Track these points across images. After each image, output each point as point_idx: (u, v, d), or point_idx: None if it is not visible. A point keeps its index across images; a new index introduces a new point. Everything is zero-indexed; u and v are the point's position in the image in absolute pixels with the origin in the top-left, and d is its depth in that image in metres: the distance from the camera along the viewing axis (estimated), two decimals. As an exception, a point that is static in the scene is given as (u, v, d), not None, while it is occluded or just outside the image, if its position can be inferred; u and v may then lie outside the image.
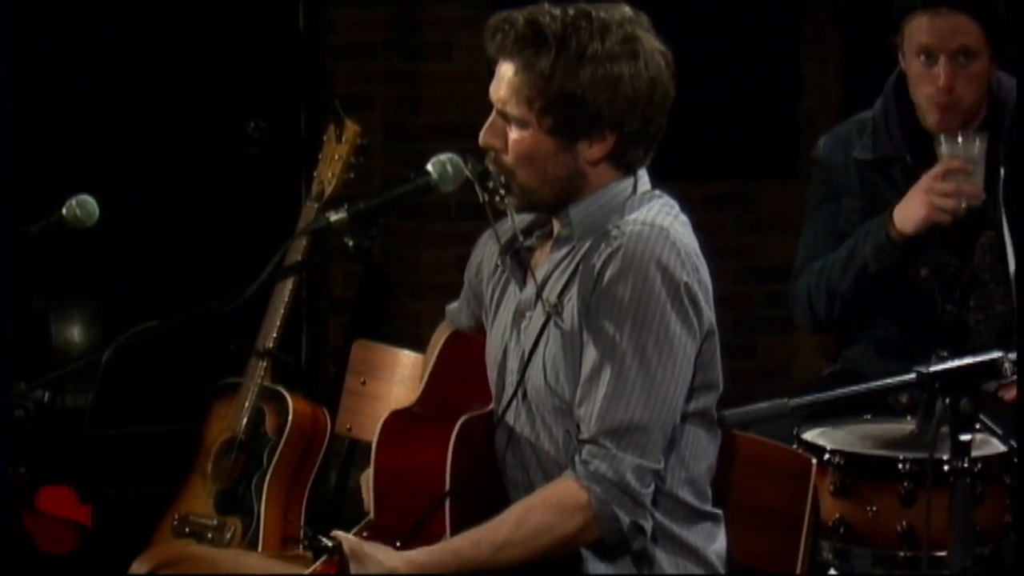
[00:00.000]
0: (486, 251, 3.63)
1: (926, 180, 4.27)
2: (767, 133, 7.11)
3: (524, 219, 3.49)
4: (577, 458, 3.31)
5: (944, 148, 4.26)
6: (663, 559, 3.39)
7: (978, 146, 4.24)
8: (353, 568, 3.28)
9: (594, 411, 3.30)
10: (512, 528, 3.30)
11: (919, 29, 4.34)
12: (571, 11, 3.34)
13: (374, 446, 3.47)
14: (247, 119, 6.66)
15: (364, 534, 3.40)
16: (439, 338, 3.65)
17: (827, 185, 4.58)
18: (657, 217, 3.37)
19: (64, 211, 4.01)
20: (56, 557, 3.88)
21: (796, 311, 4.66)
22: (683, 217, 3.43)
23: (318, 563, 3.32)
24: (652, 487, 3.32)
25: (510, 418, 3.45)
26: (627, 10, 3.38)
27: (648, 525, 3.33)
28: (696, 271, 3.36)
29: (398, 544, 3.33)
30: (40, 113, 6.48)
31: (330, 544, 3.30)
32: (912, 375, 3.35)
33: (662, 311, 3.30)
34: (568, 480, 3.31)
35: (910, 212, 4.30)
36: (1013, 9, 4.39)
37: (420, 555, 3.30)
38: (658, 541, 3.38)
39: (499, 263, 3.57)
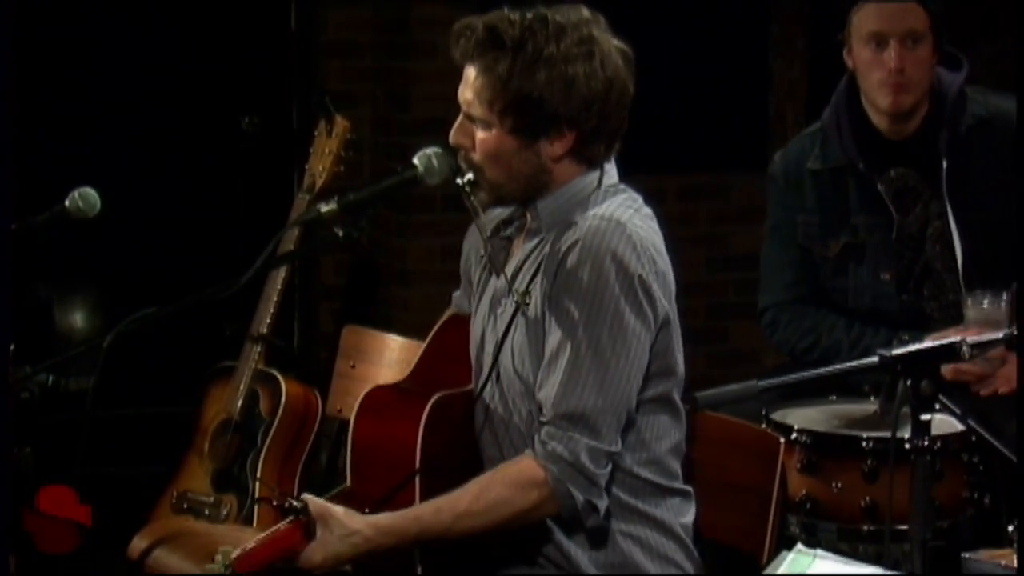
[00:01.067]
0: (472, 242, 3.65)
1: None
2: (737, 128, 7.11)
3: (503, 212, 3.50)
4: (537, 438, 3.33)
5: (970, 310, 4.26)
6: (627, 534, 3.40)
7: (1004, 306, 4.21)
8: (319, 529, 3.29)
9: (552, 395, 3.31)
10: (472, 499, 3.31)
11: (868, 17, 4.35)
12: (529, 16, 3.35)
13: (352, 418, 3.48)
14: (242, 115, 6.67)
15: (336, 500, 3.39)
16: (441, 322, 3.67)
17: (783, 204, 4.57)
18: (616, 211, 3.38)
19: (67, 203, 4.02)
20: (56, 557, 3.87)
21: (773, 343, 4.66)
22: (646, 211, 3.44)
23: (284, 522, 3.32)
24: (607, 468, 3.33)
25: (486, 399, 3.48)
26: (585, 12, 3.39)
27: (602, 504, 3.34)
28: (652, 263, 3.36)
29: (366, 510, 3.33)
30: (46, 109, 6.47)
31: (297, 505, 3.31)
32: (875, 358, 3.36)
33: (616, 302, 3.31)
34: (527, 458, 3.33)
35: None
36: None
37: (383, 519, 3.31)
38: (622, 517, 3.39)
39: (483, 252, 3.57)
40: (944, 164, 4.38)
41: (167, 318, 3.42)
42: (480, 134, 3.38)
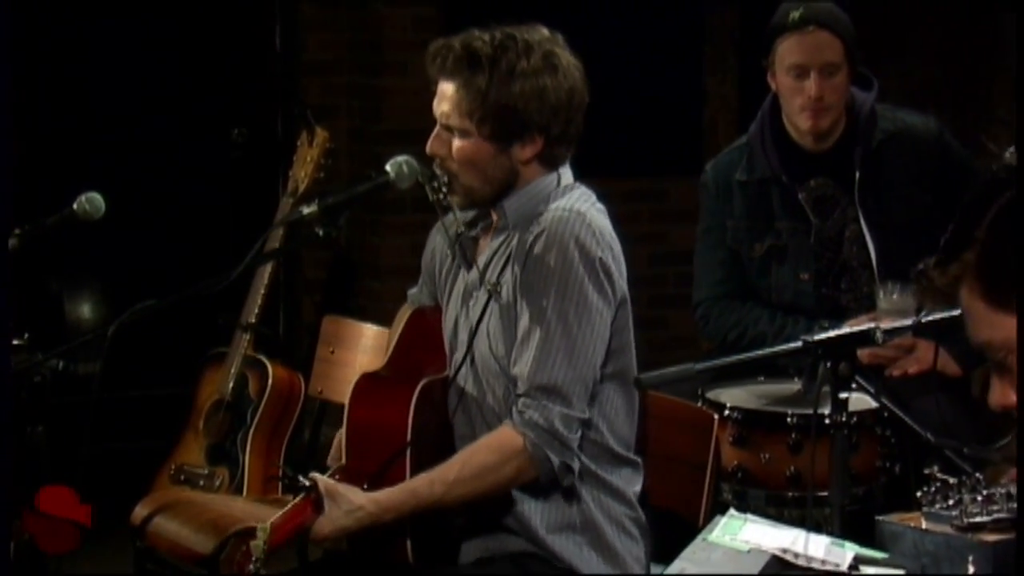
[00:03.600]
0: (436, 242, 3.64)
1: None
2: (675, 138, 7.13)
3: (467, 214, 3.50)
4: (514, 409, 3.32)
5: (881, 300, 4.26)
6: (588, 497, 3.40)
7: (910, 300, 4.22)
8: (326, 505, 3.29)
9: (526, 369, 3.31)
10: (460, 469, 3.31)
11: (791, 49, 4.34)
12: (498, 35, 3.36)
13: (347, 403, 3.47)
14: (232, 127, 6.64)
15: (336, 476, 3.39)
16: (403, 315, 3.65)
17: (713, 210, 4.57)
18: (576, 204, 3.39)
19: (75, 206, 4.01)
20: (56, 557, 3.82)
21: (705, 335, 4.67)
22: (599, 205, 3.45)
23: (297, 499, 3.32)
24: (579, 433, 3.33)
25: (460, 381, 3.46)
26: (545, 31, 3.40)
27: (576, 465, 3.34)
28: (610, 248, 3.38)
29: (365, 486, 3.33)
30: (59, 121, 6.47)
31: (307, 484, 3.31)
32: (799, 343, 3.37)
33: (580, 283, 3.31)
34: (506, 428, 3.32)
35: None
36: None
37: (383, 495, 3.30)
38: (585, 481, 3.39)
39: (448, 252, 3.57)
40: (857, 175, 4.40)
41: (165, 309, 3.40)
42: (457, 142, 3.37)
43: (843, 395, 3.33)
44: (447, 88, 3.37)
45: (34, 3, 6.46)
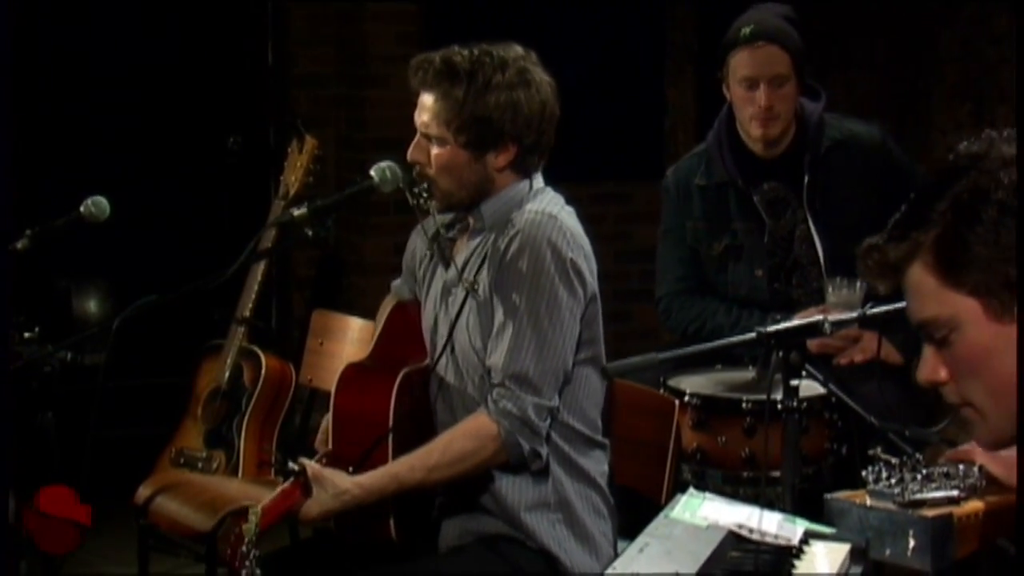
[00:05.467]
0: (416, 243, 3.64)
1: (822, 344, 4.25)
2: (638, 145, 7.14)
3: (445, 217, 3.50)
4: (489, 398, 3.31)
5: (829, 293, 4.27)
6: (562, 478, 3.40)
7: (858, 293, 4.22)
8: (314, 488, 3.28)
9: (500, 360, 3.30)
10: (440, 454, 3.30)
11: (742, 63, 4.35)
12: (476, 51, 3.36)
13: (333, 391, 3.46)
14: (227, 135, 6.64)
15: (323, 461, 3.38)
16: (386, 307, 3.64)
17: (674, 212, 4.57)
18: (548, 207, 3.38)
19: (82, 209, 4.01)
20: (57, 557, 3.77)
21: (667, 327, 4.67)
22: (569, 208, 3.45)
23: (286, 483, 3.31)
24: (548, 421, 3.33)
25: (440, 371, 3.46)
26: (519, 49, 3.40)
27: (544, 451, 3.33)
28: (581, 248, 3.37)
29: (350, 469, 3.32)
30: (69, 129, 6.46)
31: (296, 468, 3.30)
32: (753, 334, 3.37)
33: (552, 282, 3.30)
34: (482, 415, 3.31)
35: None
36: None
37: (367, 478, 3.29)
38: (559, 463, 3.39)
39: (427, 252, 3.57)
40: (806, 179, 4.40)
41: (166, 304, 3.39)
42: (436, 150, 3.37)
43: (794, 382, 3.34)
44: (427, 99, 3.37)
45: (46, 22, 6.44)
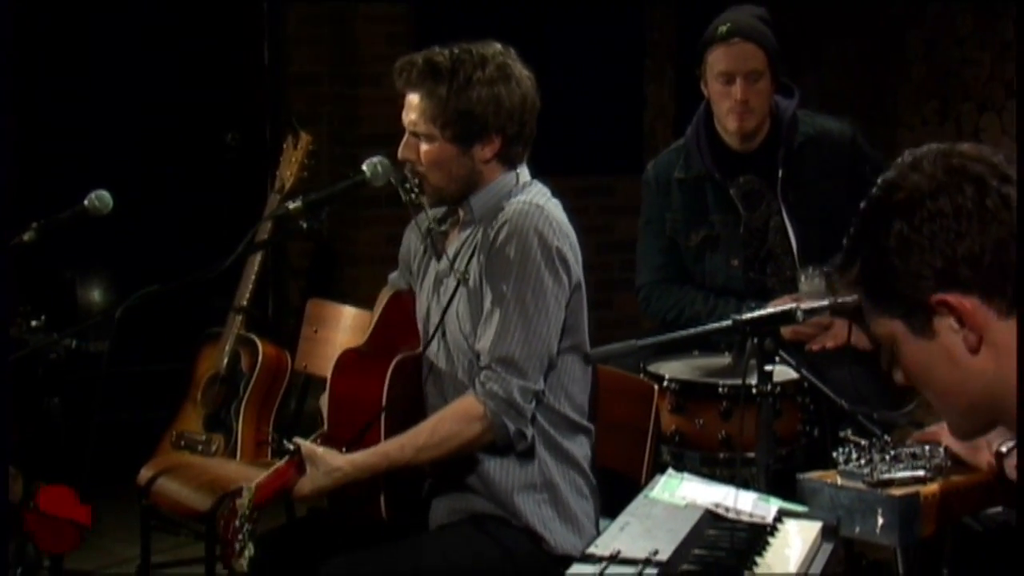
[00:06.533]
0: (410, 238, 3.65)
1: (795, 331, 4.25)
2: (619, 140, 7.14)
3: (437, 211, 3.50)
4: (476, 380, 3.31)
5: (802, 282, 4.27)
6: (548, 460, 3.40)
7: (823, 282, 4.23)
8: (308, 466, 3.28)
9: (487, 345, 3.30)
10: (428, 435, 3.30)
11: (719, 59, 4.35)
12: (456, 50, 3.37)
13: (330, 375, 3.46)
14: (226, 132, 6.63)
15: (318, 441, 3.38)
16: (383, 297, 3.64)
17: (654, 204, 4.57)
18: (535, 198, 3.39)
19: (86, 202, 4.00)
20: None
21: (647, 314, 4.67)
22: (555, 200, 3.45)
23: (281, 461, 3.31)
24: (533, 403, 3.33)
25: (431, 356, 3.46)
26: (498, 46, 3.41)
27: (529, 432, 3.33)
28: (567, 237, 3.38)
29: (344, 449, 3.32)
30: (74, 127, 6.45)
31: (291, 447, 3.30)
32: (729, 322, 3.38)
33: (538, 270, 3.30)
34: (470, 397, 3.31)
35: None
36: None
37: (358, 457, 3.29)
38: (545, 446, 3.39)
39: (420, 246, 3.58)
40: (780, 172, 4.40)
41: (167, 293, 3.39)
42: (424, 147, 3.37)
43: (768, 367, 3.34)
44: (413, 99, 3.38)
45: (46, 24, 6.42)
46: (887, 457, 3.24)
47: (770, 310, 3.43)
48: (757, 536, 2.62)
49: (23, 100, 5.89)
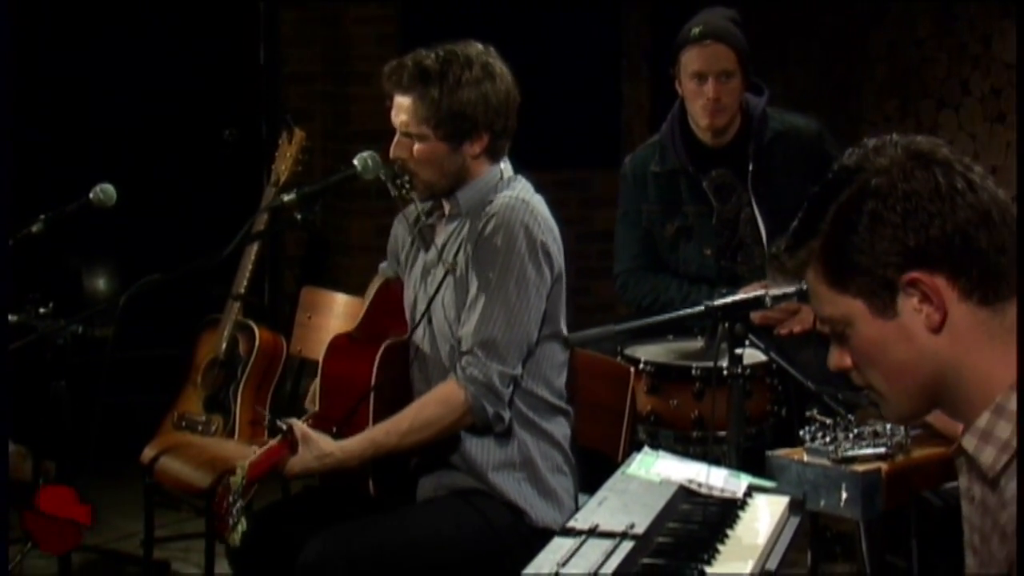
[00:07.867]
0: (398, 230, 3.65)
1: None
2: (597, 136, 7.13)
3: (425, 205, 3.50)
4: (458, 365, 3.32)
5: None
6: (527, 440, 3.40)
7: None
8: (300, 447, 3.28)
9: (469, 331, 3.31)
10: (412, 420, 3.31)
11: (692, 59, 4.36)
12: (441, 52, 3.37)
13: (321, 359, 3.46)
14: (223, 128, 6.61)
15: (310, 421, 3.38)
16: (373, 285, 3.65)
17: (631, 196, 4.58)
18: (521, 193, 3.39)
19: (91, 195, 3.99)
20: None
21: (624, 300, 4.68)
22: (539, 195, 3.45)
23: (274, 441, 3.31)
24: (511, 388, 3.33)
25: (416, 342, 3.46)
26: (479, 46, 3.41)
27: (506, 415, 3.34)
28: (551, 232, 3.38)
29: (334, 430, 3.32)
30: (78, 123, 6.42)
31: (283, 427, 3.30)
32: (702, 307, 3.38)
33: (522, 261, 3.30)
34: (451, 382, 3.32)
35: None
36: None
37: (348, 443, 3.30)
38: (525, 427, 3.39)
39: (408, 238, 3.58)
40: (751, 166, 4.41)
41: (168, 282, 3.38)
42: (417, 146, 3.37)
43: (739, 351, 3.35)
44: (404, 101, 3.37)
45: (47, 25, 6.40)
46: (851, 435, 3.25)
47: (741, 296, 3.44)
48: (728, 510, 2.62)
49: (24, 99, 5.86)
